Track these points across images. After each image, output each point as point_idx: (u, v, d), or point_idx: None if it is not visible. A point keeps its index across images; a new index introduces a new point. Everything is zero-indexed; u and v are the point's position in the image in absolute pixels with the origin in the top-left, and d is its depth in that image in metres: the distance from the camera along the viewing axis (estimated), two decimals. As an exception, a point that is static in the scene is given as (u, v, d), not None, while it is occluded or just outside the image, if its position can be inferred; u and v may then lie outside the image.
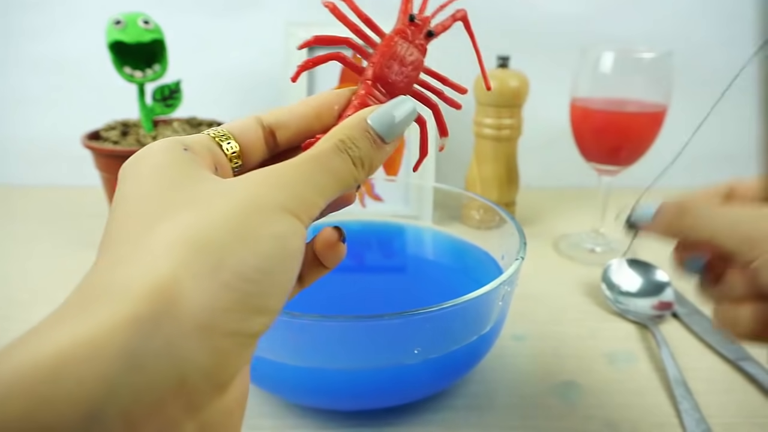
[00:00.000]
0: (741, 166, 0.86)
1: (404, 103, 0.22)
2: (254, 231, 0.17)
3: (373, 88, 0.23)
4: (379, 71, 0.24)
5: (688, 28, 0.77)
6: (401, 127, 0.21)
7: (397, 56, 0.24)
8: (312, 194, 0.19)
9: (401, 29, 0.24)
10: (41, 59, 0.76)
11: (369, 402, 0.36)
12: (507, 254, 0.41)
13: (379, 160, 0.21)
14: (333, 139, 0.20)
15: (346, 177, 0.20)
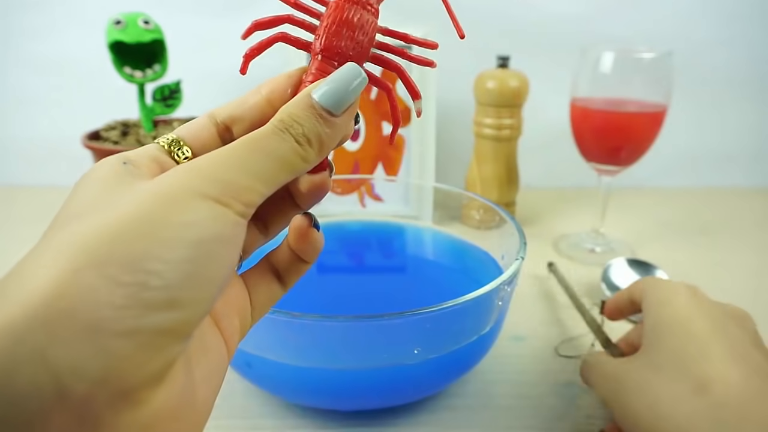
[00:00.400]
0: (741, 166, 0.86)
1: (350, 71, 0.20)
2: (160, 220, 0.15)
3: (325, 62, 0.22)
4: (327, 43, 0.22)
5: (688, 28, 0.77)
6: (350, 96, 0.20)
7: (344, 22, 0.22)
8: (245, 178, 0.17)
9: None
10: (41, 59, 0.76)
11: (369, 402, 0.36)
12: (507, 254, 0.41)
13: (333, 135, 0.20)
14: (272, 122, 0.19)
15: (290, 157, 0.19)
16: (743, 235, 0.68)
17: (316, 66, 0.22)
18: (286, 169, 0.19)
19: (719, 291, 0.53)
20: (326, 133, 0.20)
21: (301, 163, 0.19)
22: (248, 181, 0.17)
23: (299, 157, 0.19)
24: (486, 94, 0.60)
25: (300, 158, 0.19)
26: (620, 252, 0.61)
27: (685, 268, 0.57)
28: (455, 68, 0.70)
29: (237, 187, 0.17)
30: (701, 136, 0.83)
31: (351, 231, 0.51)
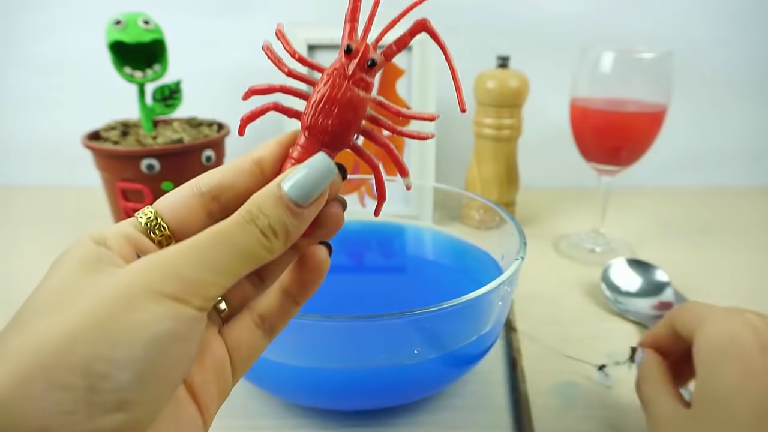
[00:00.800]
0: (741, 166, 0.86)
1: (321, 164, 0.20)
2: (113, 322, 0.16)
3: (311, 140, 0.21)
4: (314, 120, 0.21)
5: (688, 28, 0.77)
6: (318, 189, 0.20)
7: (331, 99, 0.21)
8: (205, 273, 0.17)
9: (338, 65, 0.22)
10: (41, 59, 0.76)
11: (369, 402, 0.36)
12: (507, 254, 0.41)
13: (300, 225, 0.20)
14: (239, 212, 0.19)
15: (254, 250, 0.19)
16: (743, 235, 0.68)
17: (302, 144, 0.22)
18: (250, 261, 0.19)
19: (719, 291, 0.53)
20: (293, 224, 0.20)
21: (266, 254, 0.19)
22: (208, 275, 0.18)
23: (264, 248, 0.19)
24: (486, 94, 0.60)
25: (264, 249, 0.19)
26: (620, 252, 0.61)
27: (686, 268, 0.57)
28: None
29: (196, 282, 0.17)
30: (701, 136, 0.83)
31: (351, 231, 0.51)
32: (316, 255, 0.22)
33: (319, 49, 0.64)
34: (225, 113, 0.66)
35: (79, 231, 0.69)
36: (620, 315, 0.49)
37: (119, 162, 0.54)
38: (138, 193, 0.55)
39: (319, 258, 0.22)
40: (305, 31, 0.64)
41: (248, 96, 0.23)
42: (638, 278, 0.52)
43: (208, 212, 0.21)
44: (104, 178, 0.56)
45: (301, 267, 0.22)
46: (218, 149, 0.59)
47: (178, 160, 0.55)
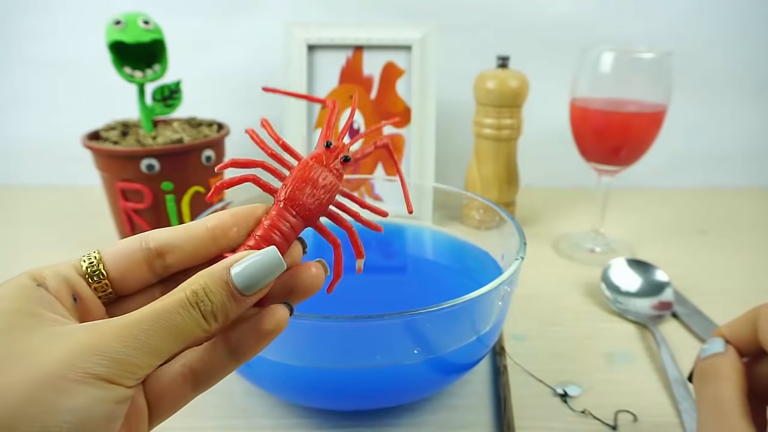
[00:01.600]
0: (740, 166, 0.86)
1: (271, 258, 0.21)
2: (46, 407, 0.16)
3: (285, 210, 0.23)
4: (291, 194, 0.24)
5: (688, 29, 0.77)
6: (264, 282, 0.20)
7: (309, 180, 0.24)
8: (141, 356, 0.18)
9: (317, 154, 0.25)
10: (42, 59, 0.76)
11: (369, 402, 0.36)
12: (507, 254, 0.41)
13: (238, 311, 0.20)
14: (185, 290, 0.19)
15: (191, 331, 0.19)
16: (743, 235, 0.68)
17: (276, 211, 0.23)
18: (183, 341, 0.19)
19: (719, 291, 0.53)
20: (233, 309, 0.20)
21: (201, 334, 0.20)
22: (144, 358, 0.18)
23: (200, 329, 0.19)
24: (486, 94, 0.60)
25: (201, 330, 0.20)
26: (620, 252, 0.61)
27: (686, 268, 0.57)
28: (455, 68, 0.70)
29: (131, 365, 0.18)
30: (701, 136, 0.83)
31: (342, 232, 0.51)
32: (275, 316, 0.22)
33: (319, 49, 0.64)
34: (225, 113, 0.66)
35: (80, 231, 0.69)
36: (620, 315, 0.49)
37: (119, 162, 0.54)
38: (138, 193, 0.55)
39: (276, 321, 0.22)
40: (304, 31, 0.64)
41: (226, 167, 0.24)
42: (638, 278, 0.52)
43: (150, 267, 0.22)
44: (104, 178, 0.56)
45: (254, 326, 0.22)
46: (218, 149, 0.59)
47: (178, 160, 0.55)
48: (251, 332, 0.22)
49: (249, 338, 0.22)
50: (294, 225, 0.23)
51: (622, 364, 0.43)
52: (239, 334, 0.22)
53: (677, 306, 0.50)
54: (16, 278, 0.20)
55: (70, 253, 0.21)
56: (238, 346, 0.22)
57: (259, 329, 0.21)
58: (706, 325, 0.47)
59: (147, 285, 0.22)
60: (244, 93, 0.79)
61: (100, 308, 0.22)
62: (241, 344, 0.22)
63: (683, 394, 0.38)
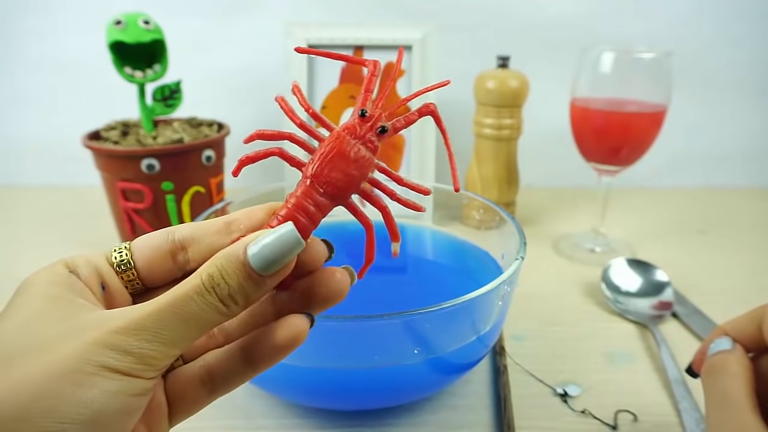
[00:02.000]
0: (740, 166, 0.86)
1: (289, 236, 0.20)
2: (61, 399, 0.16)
3: (312, 188, 0.22)
4: (319, 170, 0.22)
5: (688, 29, 0.77)
6: (283, 261, 0.19)
7: (340, 153, 0.22)
8: (157, 347, 0.18)
9: (351, 125, 0.23)
10: (42, 59, 0.76)
11: (369, 402, 0.36)
12: (507, 254, 0.41)
13: (260, 293, 0.20)
14: (201, 275, 0.19)
15: (209, 317, 0.19)
16: (743, 235, 0.68)
17: (302, 190, 0.22)
18: (206, 327, 0.19)
19: (719, 291, 0.53)
20: (253, 290, 0.19)
21: (222, 320, 0.19)
22: (162, 349, 0.18)
23: (221, 315, 0.19)
24: (486, 94, 0.61)
25: (221, 315, 0.19)
26: (620, 252, 0.61)
27: (686, 268, 0.57)
28: (455, 68, 0.70)
29: (147, 356, 0.18)
30: (701, 136, 0.83)
31: (351, 231, 0.51)
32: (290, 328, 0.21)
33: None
34: (225, 113, 0.66)
35: (80, 231, 0.69)
36: (620, 315, 0.49)
37: (119, 162, 0.54)
38: (138, 193, 0.55)
39: (293, 332, 0.21)
40: (305, 31, 0.64)
41: (252, 139, 0.23)
42: (638, 278, 0.52)
43: (175, 260, 0.22)
44: (104, 178, 0.56)
45: (269, 335, 0.21)
46: (218, 149, 0.59)
47: (179, 160, 0.55)
48: (267, 343, 0.21)
49: (265, 349, 0.21)
50: (321, 205, 0.22)
51: (622, 364, 0.43)
52: (255, 342, 0.21)
53: (677, 306, 0.50)
54: (51, 265, 0.20)
55: (70, 253, 0.21)
56: (253, 356, 0.21)
57: (274, 341, 0.21)
58: (706, 325, 0.47)
59: (173, 278, 0.22)
60: (244, 93, 0.79)
61: (126, 299, 0.22)
62: (257, 354, 0.21)
63: (683, 394, 0.38)
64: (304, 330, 0.21)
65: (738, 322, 0.28)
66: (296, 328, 0.21)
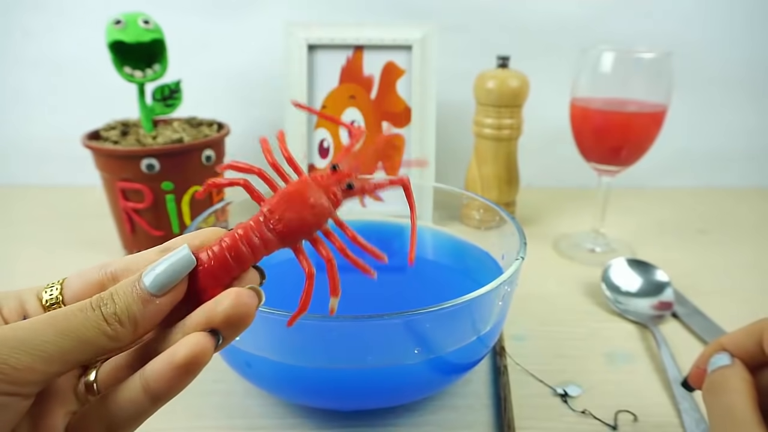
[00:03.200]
0: (740, 166, 0.86)
1: (183, 258, 0.20)
2: None
3: (265, 222, 0.22)
4: (276, 206, 0.22)
5: (688, 29, 0.77)
6: (173, 279, 0.19)
7: (300, 195, 0.22)
8: (30, 361, 0.17)
9: (319, 174, 0.23)
10: (41, 59, 0.76)
11: (369, 402, 0.36)
12: (507, 254, 0.41)
13: (147, 315, 0.19)
14: (94, 296, 0.19)
15: (92, 336, 0.18)
16: (743, 235, 0.68)
17: (254, 220, 0.22)
18: (87, 348, 0.18)
19: (719, 291, 0.53)
20: (141, 312, 0.19)
21: (108, 342, 0.18)
22: (34, 363, 0.17)
23: (106, 336, 0.18)
24: (486, 94, 0.60)
25: (106, 337, 0.18)
26: (620, 252, 0.61)
27: (686, 268, 0.57)
28: (455, 68, 0.70)
29: (6, 367, 0.16)
30: (701, 136, 0.83)
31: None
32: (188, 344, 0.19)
33: (319, 49, 0.64)
34: (225, 113, 0.66)
35: (80, 231, 0.69)
36: (620, 315, 0.49)
37: (119, 162, 0.54)
38: (138, 193, 0.55)
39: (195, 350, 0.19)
40: (305, 31, 0.63)
41: (226, 168, 0.23)
42: (638, 278, 0.52)
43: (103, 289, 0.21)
44: (104, 177, 0.56)
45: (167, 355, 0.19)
46: (218, 149, 0.59)
47: (178, 159, 0.55)
48: (164, 364, 0.19)
49: (162, 371, 0.19)
50: (268, 241, 0.22)
51: (622, 364, 0.43)
52: (152, 365, 0.19)
53: (677, 306, 0.50)
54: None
55: (70, 253, 0.21)
56: (150, 381, 0.19)
57: (171, 361, 0.18)
58: (706, 325, 0.47)
59: None
60: (244, 93, 0.79)
61: None
62: (154, 379, 0.19)
63: (683, 395, 0.38)
64: (205, 348, 0.19)
65: (736, 337, 0.28)
66: (196, 346, 0.19)
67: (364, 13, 0.75)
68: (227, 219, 0.44)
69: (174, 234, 0.57)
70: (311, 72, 0.65)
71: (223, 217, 0.43)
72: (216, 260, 0.21)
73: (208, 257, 0.21)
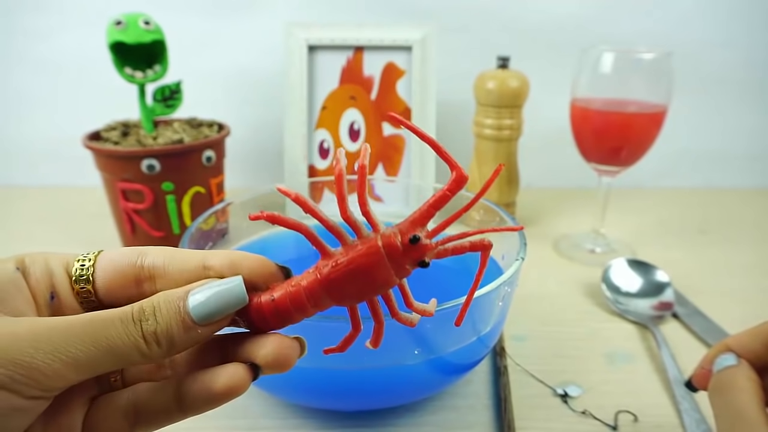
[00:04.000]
0: (740, 166, 0.86)
1: (235, 293, 0.19)
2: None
3: (320, 288, 0.20)
4: (335, 276, 0.19)
5: (688, 29, 0.77)
6: (222, 313, 0.19)
7: (367, 271, 0.19)
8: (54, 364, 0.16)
9: (393, 242, 0.20)
10: (42, 59, 0.76)
11: (370, 402, 0.36)
12: (507, 255, 0.41)
13: (188, 341, 0.18)
14: (135, 304, 0.18)
15: (125, 350, 0.17)
16: (743, 236, 0.68)
17: (309, 283, 0.20)
18: (118, 361, 0.17)
19: (719, 291, 0.53)
20: (181, 337, 0.18)
21: (140, 358, 0.18)
22: (58, 366, 0.16)
23: (138, 352, 0.17)
24: (486, 94, 0.61)
25: (139, 353, 0.18)
26: (621, 252, 0.61)
27: (686, 268, 0.57)
28: (455, 69, 0.70)
29: (36, 372, 0.16)
30: (701, 136, 0.83)
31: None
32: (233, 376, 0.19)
33: (319, 50, 0.64)
34: (225, 114, 0.66)
35: (80, 231, 0.68)
36: (620, 315, 0.49)
37: (120, 162, 0.54)
38: (138, 194, 0.55)
39: (234, 382, 0.19)
40: (305, 31, 0.64)
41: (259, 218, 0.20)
42: (638, 278, 0.52)
43: (139, 287, 0.21)
44: (105, 178, 0.56)
45: (208, 378, 0.19)
46: (218, 149, 0.59)
47: (179, 160, 0.55)
48: (203, 386, 0.19)
49: (199, 391, 0.19)
50: (321, 304, 0.20)
51: (622, 364, 0.43)
52: (191, 382, 0.19)
53: (678, 306, 0.50)
54: (5, 259, 0.19)
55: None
56: (186, 397, 0.19)
57: (211, 386, 0.19)
58: (706, 326, 0.47)
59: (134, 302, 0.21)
60: (244, 93, 0.79)
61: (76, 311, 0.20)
62: (190, 396, 0.19)
63: (684, 395, 0.38)
64: (244, 381, 0.19)
65: (741, 338, 0.27)
66: (237, 378, 0.19)
67: (365, 13, 0.75)
68: (227, 220, 0.44)
69: (174, 235, 0.57)
70: (311, 73, 0.65)
71: (223, 218, 0.43)
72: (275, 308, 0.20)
73: (269, 302, 0.20)
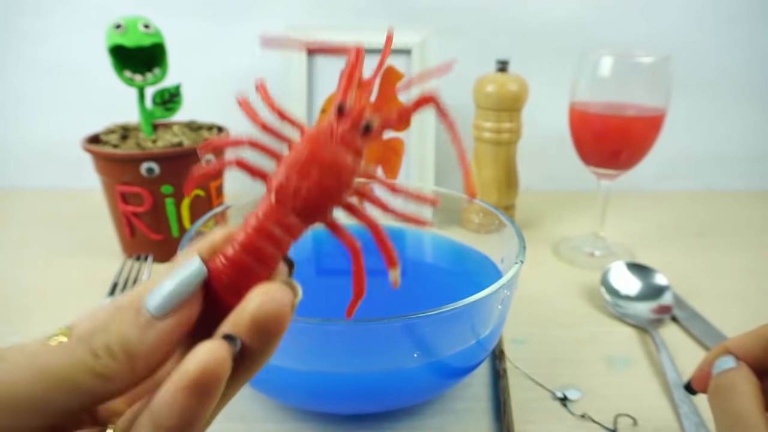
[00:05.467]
0: (739, 170, 0.86)
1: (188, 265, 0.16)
2: None
3: (278, 206, 0.17)
4: (285, 181, 0.17)
5: (687, 33, 0.77)
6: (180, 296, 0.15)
7: (312, 159, 0.17)
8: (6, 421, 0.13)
9: (325, 124, 0.18)
10: (41, 63, 0.76)
11: (368, 406, 0.36)
12: (506, 258, 0.41)
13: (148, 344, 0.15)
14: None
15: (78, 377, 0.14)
16: (743, 239, 0.68)
17: (265, 209, 0.17)
18: (71, 394, 0.14)
19: (719, 294, 0.53)
20: (140, 339, 0.15)
21: (99, 382, 0.14)
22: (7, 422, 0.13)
23: (92, 375, 0.14)
24: (485, 98, 0.61)
25: (94, 376, 0.14)
26: (620, 256, 0.61)
27: (685, 271, 0.57)
28: (455, 72, 0.70)
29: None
30: (700, 140, 0.83)
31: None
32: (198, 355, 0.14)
33: (319, 54, 0.65)
34: (225, 117, 0.67)
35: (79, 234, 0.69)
36: (619, 319, 0.49)
37: (119, 165, 0.54)
38: (138, 197, 0.55)
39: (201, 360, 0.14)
40: (305, 33, 0.64)
41: (205, 149, 0.19)
42: (638, 282, 0.52)
43: None
44: (104, 181, 0.56)
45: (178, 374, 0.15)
46: (218, 153, 0.59)
47: (178, 163, 0.55)
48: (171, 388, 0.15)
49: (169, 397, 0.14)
50: (290, 226, 0.17)
51: (621, 368, 0.43)
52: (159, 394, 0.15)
53: (677, 310, 0.50)
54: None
55: (70, 256, 0.21)
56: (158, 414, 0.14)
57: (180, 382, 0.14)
58: (705, 329, 0.47)
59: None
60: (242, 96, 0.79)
61: None
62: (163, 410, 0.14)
63: (683, 398, 0.38)
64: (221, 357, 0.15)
65: (741, 341, 0.27)
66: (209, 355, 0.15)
67: (364, 17, 0.75)
68: (227, 223, 0.43)
69: (173, 238, 0.57)
70: (311, 76, 0.65)
71: (222, 221, 0.43)
72: (232, 266, 0.17)
73: (223, 265, 0.17)
